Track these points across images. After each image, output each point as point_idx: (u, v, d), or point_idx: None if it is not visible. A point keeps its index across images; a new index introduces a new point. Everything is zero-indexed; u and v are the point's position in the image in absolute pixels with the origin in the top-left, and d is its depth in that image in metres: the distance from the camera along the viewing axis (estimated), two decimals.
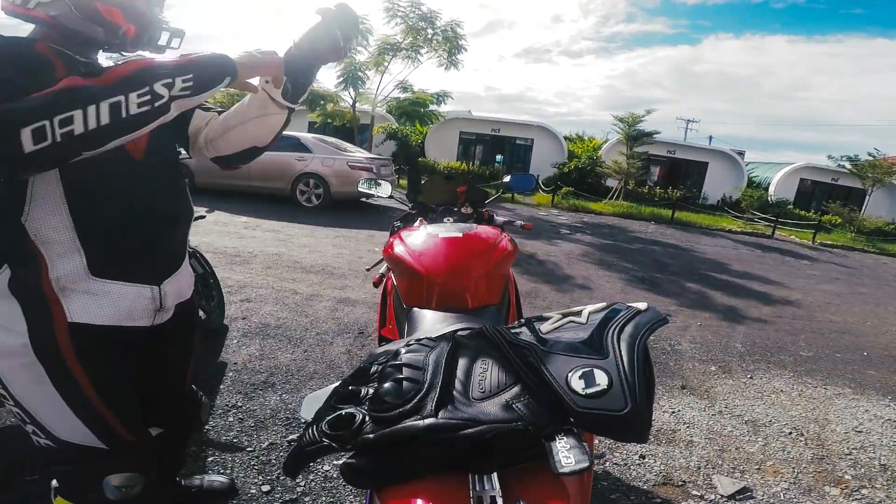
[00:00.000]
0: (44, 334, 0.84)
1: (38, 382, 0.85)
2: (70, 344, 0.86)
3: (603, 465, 1.95)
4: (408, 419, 0.62)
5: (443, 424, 0.60)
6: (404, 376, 0.68)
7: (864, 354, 3.71)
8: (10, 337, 0.83)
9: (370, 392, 0.70)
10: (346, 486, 1.66)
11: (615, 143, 16.95)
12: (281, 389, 2.26)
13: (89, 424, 0.89)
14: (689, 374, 2.94)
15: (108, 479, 0.92)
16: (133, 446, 0.95)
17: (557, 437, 0.56)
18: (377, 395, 0.67)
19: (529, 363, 0.66)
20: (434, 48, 11.54)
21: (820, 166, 17.84)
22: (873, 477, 2.04)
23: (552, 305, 4.15)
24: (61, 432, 0.89)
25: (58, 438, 0.89)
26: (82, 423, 0.89)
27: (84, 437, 0.90)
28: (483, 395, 0.64)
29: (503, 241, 1.47)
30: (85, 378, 0.88)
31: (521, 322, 0.79)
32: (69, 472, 0.94)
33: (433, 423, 0.60)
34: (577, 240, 8.02)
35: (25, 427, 0.91)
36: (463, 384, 0.66)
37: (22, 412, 0.88)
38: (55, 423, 0.88)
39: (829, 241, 11.99)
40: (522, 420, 0.59)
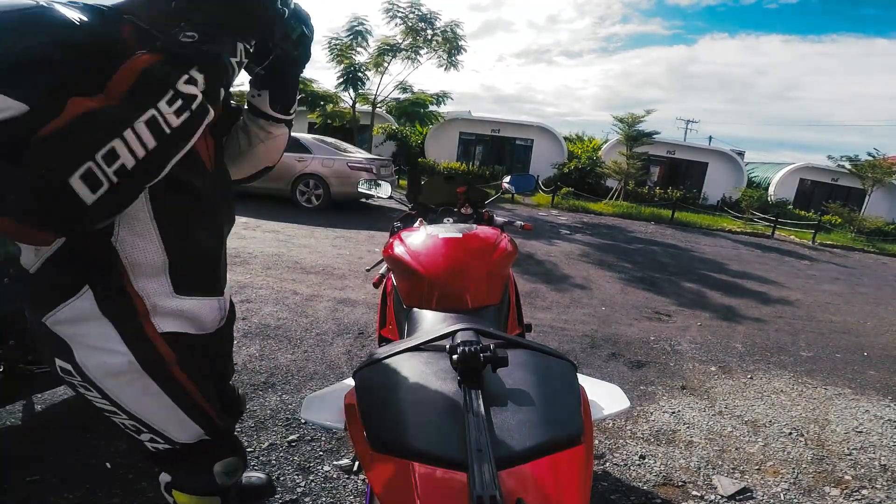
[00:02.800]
0: (146, 348, 0.85)
1: (149, 393, 0.87)
2: (170, 352, 0.88)
3: (603, 465, 1.95)
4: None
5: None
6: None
7: (864, 354, 3.71)
8: (113, 357, 0.83)
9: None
10: (346, 486, 1.66)
11: (615, 144, 16.96)
12: (281, 390, 2.26)
13: (198, 421, 0.95)
14: (689, 375, 2.94)
15: (215, 467, 0.99)
16: (228, 433, 1.04)
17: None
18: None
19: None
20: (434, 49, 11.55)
21: (820, 166, 17.85)
22: (873, 477, 2.04)
23: (552, 306, 4.15)
24: (178, 435, 0.93)
25: (175, 441, 0.94)
26: (194, 422, 0.94)
27: (195, 434, 0.95)
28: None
29: (503, 241, 1.47)
30: (188, 381, 0.91)
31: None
32: (186, 468, 1.00)
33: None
34: (577, 240, 8.02)
35: (139, 437, 0.92)
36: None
37: (137, 423, 0.90)
38: (171, 427, 0.92)
39: (829, 242, 11.99)
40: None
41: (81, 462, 1.65)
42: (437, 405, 0.73)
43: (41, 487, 1.52)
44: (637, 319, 4.00)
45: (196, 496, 1.02)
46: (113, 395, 0.86)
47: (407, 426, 0.70)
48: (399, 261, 1.38)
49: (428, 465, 0.64)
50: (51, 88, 0.60)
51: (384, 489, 0.65)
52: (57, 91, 0.61)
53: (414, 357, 0.85)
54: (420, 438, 0.67)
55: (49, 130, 0.59)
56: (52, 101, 0.60)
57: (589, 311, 4.09)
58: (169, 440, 0.93)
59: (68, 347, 0.82)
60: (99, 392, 0.85)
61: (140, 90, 0.65)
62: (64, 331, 0.82)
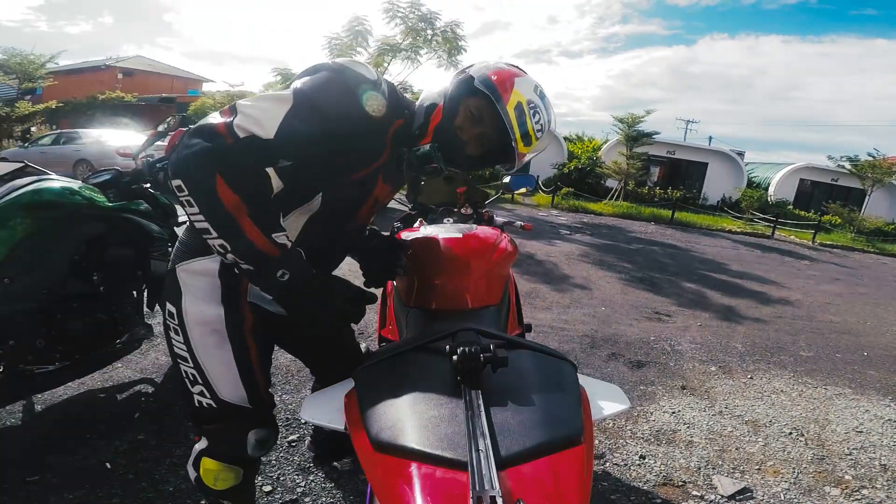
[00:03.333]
0: (235, 309, 1.01)
1: (220, 348, 1.01)
2: (250, 317, 1.03)
3: (603, 465, 1.95)
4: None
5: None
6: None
7: (864, 354, 3.71)
8: (211, 308, 1.00)
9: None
10: (346, 486, 1.66)
11: (615, 144, 16.96)
12: (281, 390, 2.25)
13: (247, 387, 1.04)
14: (690, 375, 2.94)
15: (249, 435, 1.05)
16: (269, 406, 1.11)
17: None
18: None
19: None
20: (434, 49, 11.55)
21: (819, 166, 17.85)
22: (874, 477, 2.04)
23: (552, 306, 4.15)
24: (225, 393, 1.02)
25: (219, 398, 1.02)
26: (243, 385, 1.03)
27: (239, 398, 1.03)
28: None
29: (503, 241, 1.46)
30: (253, 347, 1.04)
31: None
32: (223, 430, 1.05)
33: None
34: (577, 240, 8.03)
35: (192, 388, 1.03)
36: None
37: (197, 372, 1.02)
38: (222, 384, 1.02)
39: (829, 242, 11.99)
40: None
41: (81, 462, 1.65)
42: (437, 405, 0.73)
43: (41, 487, 1.52)
44: (637, 319, 4.00)
45: (224, 464, 1.06)
46: (193, 341, 1.01)
47: (407, 426, 0.70)
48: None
49: (428, 465, 0.64)
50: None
51: (384, 489, 0.65)
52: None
53: (414, 357, 0.85)
54: (420, 438, 0.67)
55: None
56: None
57: (589, 312, 4.09)
58: (215, 396, 1.02)
59: (180, 294, 1.01)
60: (184, 336, 1.01)
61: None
62: (185, 279, 1.01)
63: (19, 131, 15.54)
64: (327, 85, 0.93)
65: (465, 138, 1.06)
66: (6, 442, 1.74)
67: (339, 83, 0.93)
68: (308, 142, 0.89)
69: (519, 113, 1.02)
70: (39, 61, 15.52)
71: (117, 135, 11.20)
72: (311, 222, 1.04)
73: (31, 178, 1.66)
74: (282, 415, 2.05)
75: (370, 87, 0.96)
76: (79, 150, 10.36)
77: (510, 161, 1.10)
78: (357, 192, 1.08)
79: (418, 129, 1.06)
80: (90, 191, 1.72)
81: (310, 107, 0.89)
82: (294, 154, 0.90)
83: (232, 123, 0.83)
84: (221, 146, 0.82)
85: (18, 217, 1.53)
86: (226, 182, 0.80)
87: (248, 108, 0.86)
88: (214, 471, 1.06)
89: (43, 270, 1.58)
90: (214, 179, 0.80)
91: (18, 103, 14.67)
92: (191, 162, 0.80)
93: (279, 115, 0.86)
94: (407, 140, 1.07)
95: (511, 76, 1.05)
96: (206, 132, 0.82)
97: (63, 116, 20.63)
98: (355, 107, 0.94)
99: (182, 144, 0.82)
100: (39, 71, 15.60)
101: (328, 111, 0.91)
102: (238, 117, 0.84)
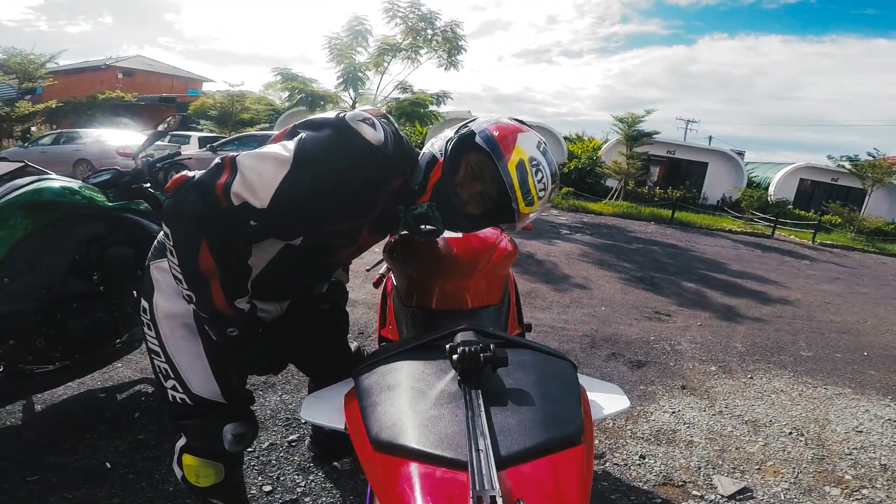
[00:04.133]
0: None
1: (189, 341, 1.03)
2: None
3: (603, 465, 1.95)
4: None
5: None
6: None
7: (864, 354, 3.71)
8: (181, 303, 1.00)
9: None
10: (346, 486, 1.66)
11: (615, 144, 16.95)
12: (281, 390, 2.25)
13: (219, 380, 1.05)
14: (690, 375, 2.94)
15: (225, 430, 1.06)
16: (245, 401, 1.13)
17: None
18: None
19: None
20: (434, 49, 11.54)
21: (819, 166, 17.84)
22: (874, 477, 2.04)
23: (552, 305, 4.15)
24: (197, 387, 1.04)
25: (192, 392, 1.04)
26: (215, 379, 1.05)
27: (212, 392, 1.05)
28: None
29: (503, 241, 1.47)
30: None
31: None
32: (199, 425, 1.07)
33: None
34: (577, 240, 8.03)
35: (165, 383, 1.06)
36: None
37: (169, 367, 1.04)
38: (193, 377, 1.04)
39: (829, 241, 11.99)
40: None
41: (81, 462, 1.65)
42: (437, 405, 0.73)
43: (41, 487, 1.52)
44: (637, 319, 4.00)
45: (202, 459, 1.07)
46: (163, 335, 1.04)
47: (407, 426, 0.70)
48: (399, 261, 1.38)
49: (428, 465, 0.64)
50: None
51: (384, 489, 0.65)
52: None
53: (414, 357, 0.85)
54: (420, 438, 0.67)
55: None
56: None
57: (589, 311, 4.09)
58: (188, 390, 1.04)
59: (153, 289, 1.05)
60: (155, 331, 1.05)
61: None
62: (157, 275, 1.05)
63: (19, 131, 15.54)
64: (328, 149, 0.91)
65: (464, 196, 1.02)
66: (6, 442, 1.74)
67: (342, 150, 0.91)
68: (300, 206, 0.91)
69: (521, 172, 0.96)
70: (39, 61, 15.52)
71: (117, 134, 11.21)
72: (287, 249, 1.05)
73: (31, 177, 1.66)
74: (281, 415, 2.05)
75: (374, 154, 0.93)
76: (79, 150, 10.36)
77: (511, 221, 1.05)
78: (340, 239, 1.08)
79: (417, 185, 1.04)
80: (90, 190, 1.72)
81: (308, 172, 0.89)
82: (284, 216, 0.93)
83: (230, 187, 0.86)
84: (215, 210, 0.86)
85: (18, 217, 1.52)
86: (209, 248, 0.87)
87: (247, 169, 0.87)
88: (195, 467, 1.07)
89: (43, 270, 1.58)
90: (199, 244, 0.86)
91: (18, 103, 14.67)
92: (182, 221, 0.87)
93: (275, 182, 0.87)
94: (404, 198, 1.05)
95: (514, 132, 0.99)
96: (204, 190, 0.86)
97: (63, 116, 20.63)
98: (355, 176, 0.93)
99: (180, 196, 0.87)
100: (39, 71, 15.59)
101: (326, 179, 0.90)
102: (236, 181, 0.86)
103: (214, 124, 17.68)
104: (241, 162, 0.88)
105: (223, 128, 17.14)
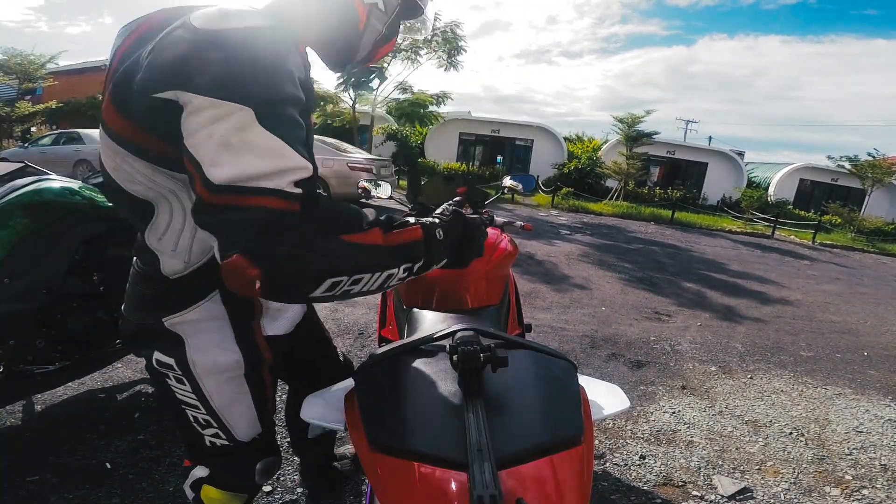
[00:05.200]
0: (252, 349, 0.92)
1: (239, 394, 0.94)
2: (269, 355, 0.95)
3: (603, 465, 1.95)
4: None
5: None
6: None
7: (864, 354, 3.71)
8: (225, 356, 0.89)
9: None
10: (346, 486, 1.66)
11: (615, 144, 16.96)
12: (281, 390, 2.25)
13: (262, 421, 0.99)
14: (690, 375, 2.94)
15: (258, 464, 1.02)
16: (274, 432, 1.07)
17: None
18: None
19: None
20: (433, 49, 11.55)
21: (819, 166, 17.85)
22: (874, 477, 2.04)
23: (552, 306, 4.15)
24: (241, 433, 0.97)
25: (236, 439, 0.97)
26: (260, 422, 0.99)
27: (255, 433, 0.99)
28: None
29: (503, 241, 1.47)
30: (270, 384, 0.99)
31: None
32: (232, 464, 1.00)
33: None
34: (577, 240, 8.02)
35: (204, 431, 0.95)
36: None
37: (212, 418, 0.94)
38: (240, 425, 0.96)
39: (829, 241, 11.99)
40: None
41: (81, 462, 1.65)
42: (437, 405, 0.73)
43: (41, 487, 1.52)
44: (637, 319, 4.00)
45: (228, 492, 1.02)
46: (206, 391, 0.90)
47: (407, 426, 0.70)
48: None
49: (428, 465, 0.64)
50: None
51: (384, 489, 0.65)
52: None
53: (414, 357, 0.85)
54: (420, 438, 0.67)
55: (353, 240, 0.66)
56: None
57: (589, 312, 4.09)
58: (232, 437, 0.96)
59: (181, 344, 0.87)
60: (192, 386, 0.90)
61: (406, 252, 0.76)
62: (185, 329, 0.87)
63: (19, 131, 15.54)
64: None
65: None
66: (6, 442, 1.74)
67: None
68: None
69: None
70: (40, 61, 15.53)
71: None
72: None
73: (31, 178, 1.66)
74: (281, 414, 2.05)
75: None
76: (79, 151, 10.35)
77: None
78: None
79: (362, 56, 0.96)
80: (90, 191, 1.72)
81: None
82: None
83: (276, 188, 0.71)
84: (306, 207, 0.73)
85: (18, 217, 1.53)
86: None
87: (250, 147, 0.72)
88: (218, 499, 1.02)
89: (43, 270, 1.58)
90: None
91: (18, 103, 14.67)
92: (309, 259, 0.66)
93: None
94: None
95: None
96: (279, 216, 0.65)
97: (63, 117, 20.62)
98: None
99: (269, 261, 0.64)
100: (39, 71, 15.60)
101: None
102: (266, 167, 0.70)
103: None
104: (201, 149, 0.66)
105: None
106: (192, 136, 0.61)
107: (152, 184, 0.76)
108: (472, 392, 0.72)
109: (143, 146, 0.72)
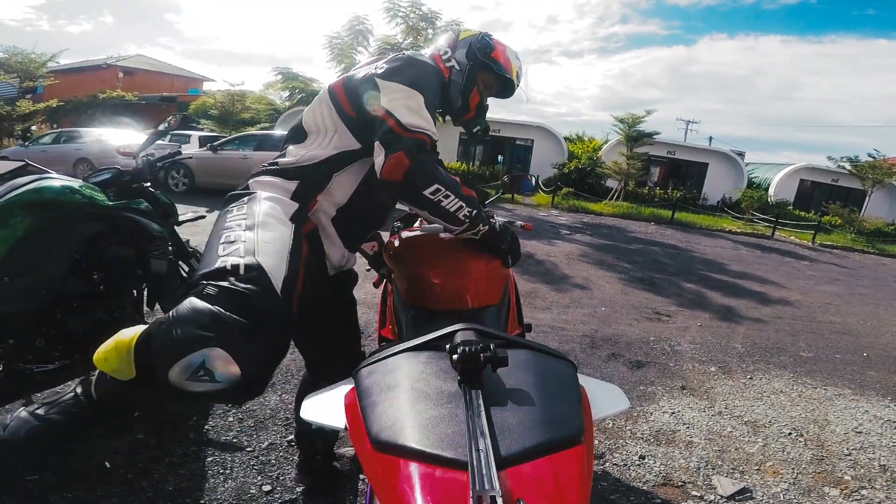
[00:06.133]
0: (304, 221, 1.20)
1: (278, 239, 1.09)
2: (306, 248, 1.16)
3: (603, 465, 1.95)
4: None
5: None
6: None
7: (864, 355, 3.71)
8: (281, 225, 1.13)
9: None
10: (346, 486, 1.66)
11: (615, 144, 16.96)
12: (281, 390, 2.26)
13: (284, 289, 1.02)
14: (689, 375, 2.94)
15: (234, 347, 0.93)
16: (288, 321, 1.12)
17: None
18: None
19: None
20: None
21: (820, 167, 17.85)
22: (873, 478, 2.04)
23: (552, 306, 4.15)
24: (266, 262, 1.02)
25: (257, 260, 1.01)
26: (283, 273, 1.04)
27: (276, 282, 1.01)
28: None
29: None
30: (302, 271, 1.11)
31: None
32: (240, 326, 0.93)
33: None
34: (577, 240, 8.03)
35: (228, 251, 1.03)
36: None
37: (249, 245, 1.03)
38: (270, 255, 1.04)
39: (829, 242, 12.00)
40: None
41: (81, 462, 1.65)
42: (437, 405, 0.73)
43: (41, 487, 1.52)
44: (637, 320, 4.01)
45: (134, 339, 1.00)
46: (257, 217, 1.11)
47: (407, 426, 0.70)
48: (399, 261, 1.38)
49: (428, 464, 0.64)
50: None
51: (384, 489, 0.65)
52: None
53: (414, 357, 0.85)
54: (420, 438, 0.67)
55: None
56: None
57: (589, 312, 4.09)
58: (252, 258, 0.99)
59: (252, 194, 1.19)
60: (248, 210, 1.14)
61: (471, 200, 1.23)
62: (261, 182, 1.24)
63: (20, 130, 15.55)
64: (426, 73, 1.28)
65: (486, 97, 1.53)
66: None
67: (433, 73, 1.32)
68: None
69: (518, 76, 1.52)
70: (40, 60, 15.53)
71: (118, 134, 11.19)
72: (370, 172, 1.23)
73: (31, 176, 1.66)
74: (281, 414, 2.05)
75: (441, 74, 1.39)
76: (79, 149, 10.35)
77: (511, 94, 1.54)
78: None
79: (458, 105, 1.47)
80: (90, 189, 1.72)
81: (428, 94, 1.20)
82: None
83: (426, 133, 1.11)
84: (432, 150, 1.14)
85: (19, 216, 1.53)
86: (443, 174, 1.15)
87: (418, 113, 1.14)
88: (109, 349, 1.01)
89: (43, 269, 1.58)
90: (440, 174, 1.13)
91: (19, 102, 14.67)
92: (433, 170, 1.10)
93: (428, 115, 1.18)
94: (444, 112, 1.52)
95: (504, 51, 1.46)
96: (425, 146, 1.10)
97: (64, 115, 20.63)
98: (436, 91, 1.31)
99: (416, 160, 1.07)
100: (40, 70, 15.61)
101: (433, 96, 1.26)
102: (424, 124, 1.12)
103: (215, 123, 17.68)
104: (396, 108, 1.11)
105: (224, 127, 17.14)
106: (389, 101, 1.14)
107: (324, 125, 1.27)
108: (472, 392, 0.72)
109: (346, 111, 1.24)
